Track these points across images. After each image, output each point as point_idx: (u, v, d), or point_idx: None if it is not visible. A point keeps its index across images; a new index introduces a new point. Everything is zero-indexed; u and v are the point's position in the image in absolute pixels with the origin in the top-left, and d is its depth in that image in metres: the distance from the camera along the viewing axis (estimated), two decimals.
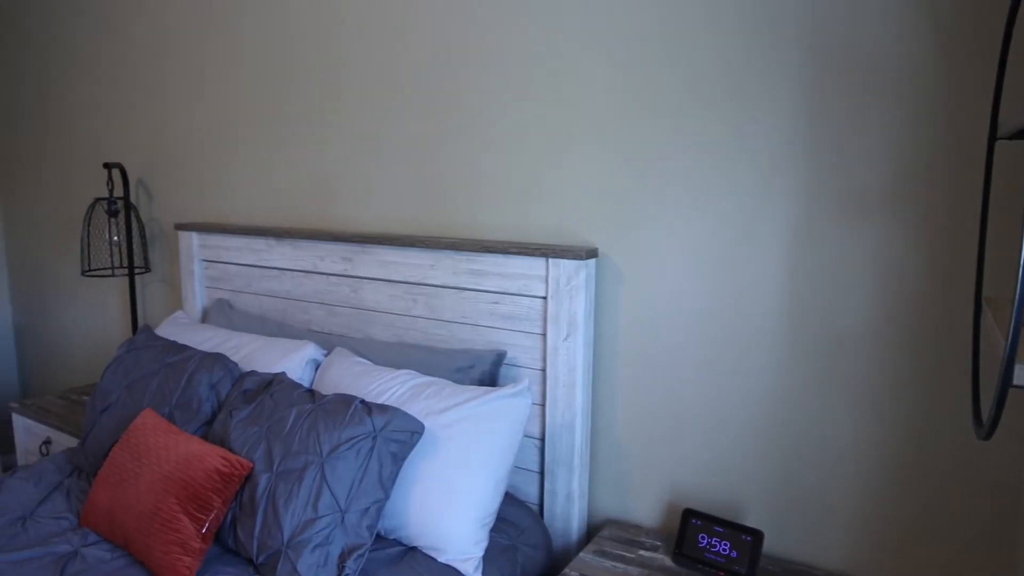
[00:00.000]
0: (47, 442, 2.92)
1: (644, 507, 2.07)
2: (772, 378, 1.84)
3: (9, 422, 4.04)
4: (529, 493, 2.14)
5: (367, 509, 1.72)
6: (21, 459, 3.09)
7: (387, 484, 1.75)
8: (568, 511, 2.06)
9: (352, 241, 2.38)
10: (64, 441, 2.83)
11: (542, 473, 2.10)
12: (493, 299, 2.12)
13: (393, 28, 2.32)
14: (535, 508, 2.12)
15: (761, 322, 1.83)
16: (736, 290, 1.85)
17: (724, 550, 1.80)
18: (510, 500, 2.05)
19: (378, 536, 1.87)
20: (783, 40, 1.73)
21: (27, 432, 3.02)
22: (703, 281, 1.90)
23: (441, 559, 1.79)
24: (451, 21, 2.19)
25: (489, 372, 2.06)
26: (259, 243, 2.67)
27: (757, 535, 1.79)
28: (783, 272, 1.79)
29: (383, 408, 1.79)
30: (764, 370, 1.85)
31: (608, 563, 1.85)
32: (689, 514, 1.87)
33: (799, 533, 1.85)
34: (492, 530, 1.89)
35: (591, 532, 2.14)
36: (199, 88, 2.92)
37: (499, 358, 2.08)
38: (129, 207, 3.04)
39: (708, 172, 1.85)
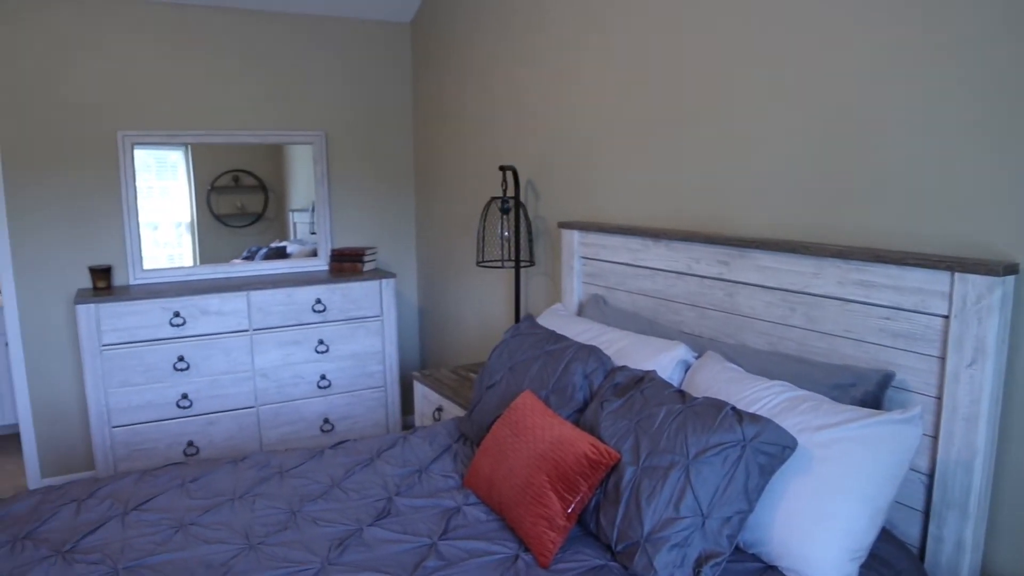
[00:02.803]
0: (439, 409, 3.31)
1: None
2: None
3: (411, 388, 4.68)
4: (909, 534, 1.92)
5: (729, 518, 1.68)
6: (418, 421, 3.55)
7: (752, 496, 1.69)
8: (957, 562, 1.81)
9: (729, 244, 2.34)
10: (453, 410, 3.19)
11: (927, 513, 1.88)
12: (884, 314, 1.93)
13: (774, 27, 2.22)
14: (915, 551, 1.90)
15: None
16: None
17: None
18: (886, 537, 1.86)
19: (736, 548, 1.82)
20: None
21: (424, 398, 3.46)
22: None
23: None
24: (840, 14, 2.04)
25: (873, 393, 1.88)
26: (635, 243, 2.74)
27: None
28: None
29: (755, 417, 1.74)
30: None
31: None
32: None
33: None
34: (863, 566, 1.73)
35: None
36: (583, 95, 3.08)
37: (886, 379, 1.89)
38: (519, 206, 3.31)
39: None
